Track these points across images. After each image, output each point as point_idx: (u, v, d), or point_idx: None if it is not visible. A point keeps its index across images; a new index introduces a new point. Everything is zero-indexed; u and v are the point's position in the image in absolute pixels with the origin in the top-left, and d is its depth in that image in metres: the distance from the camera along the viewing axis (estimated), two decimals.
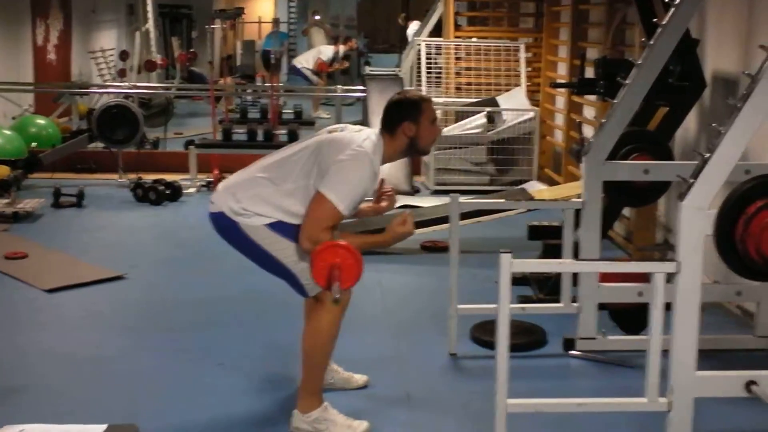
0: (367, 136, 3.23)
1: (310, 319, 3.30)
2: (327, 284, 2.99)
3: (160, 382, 3.78)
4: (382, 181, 3.39)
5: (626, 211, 5.95)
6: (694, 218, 2.69)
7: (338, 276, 2.94)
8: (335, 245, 2.99)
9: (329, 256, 2.97)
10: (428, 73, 8.98)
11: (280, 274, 3.25)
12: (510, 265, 2.73)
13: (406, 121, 3.25)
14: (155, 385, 3.74)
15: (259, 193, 3.19)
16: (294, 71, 14.71)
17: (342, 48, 14.73)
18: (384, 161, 3.27)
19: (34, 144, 8.08)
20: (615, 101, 3.99)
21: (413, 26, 13.72)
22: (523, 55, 8.87)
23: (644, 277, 3.61)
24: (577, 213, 4.08)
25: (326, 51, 14.45)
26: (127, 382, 3.77)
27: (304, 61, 14.32)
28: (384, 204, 3.47)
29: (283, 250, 3.18)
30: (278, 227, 3.18)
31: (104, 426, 2.39)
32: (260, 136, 8.14)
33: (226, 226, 3.23)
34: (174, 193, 7.46)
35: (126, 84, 10.60)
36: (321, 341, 3.25)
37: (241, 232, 3.20)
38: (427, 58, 9.00)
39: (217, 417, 3.44)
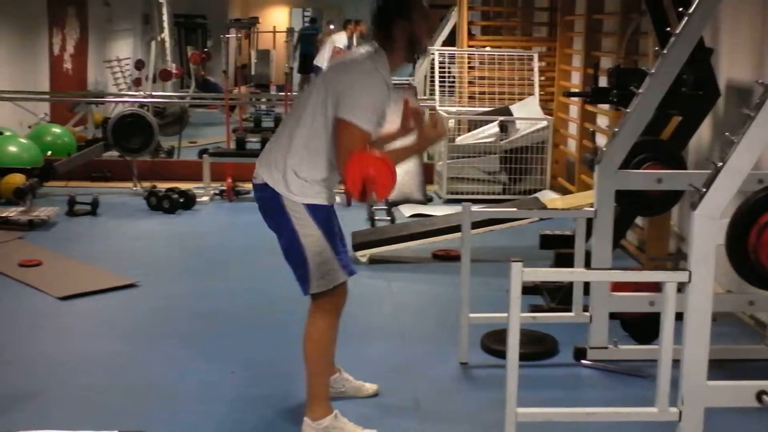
0: (367, 52, 3.19)
1: (307, 327, 3.29)
2: (361, 195, 2.96)
3: (171, 390, 3.79)
4: (406, 101, 3.32)
5: (639, 221, 5.93)
6: (707, 227, 2.67)
7: (373, 187, 2.92)
8: (368, 156, 2.96)
9: (363, 166, 2.93)
10: (441, 82, 8.99)
11: (296, 260, 3.21)
12: (521, 274, 2.73)
13: (398, 20, 3.17)
14: (166, 393, 3.75)
15: (299, 164, 3.14)
16: (317, 71, 14.74)
17: (354, 34, 14.70)
18: (393, 69, 3.20)
19: (49, 153, 8.13)
20: (628, 110, 3.98)
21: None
22: (536, 64, 8.87)
23: (656, 287, 3.60)
24: (590, 222, 4.07)
25: (340, 39, 14.46)
26: (138, 389, 3.78)
27: (323, 59, 14.34)
28: (413, 121, 3.33)
29: (310, 236, 3.16)
30: (315, 211, 3.16)
31: None
32: None
33: (268, 197, 3.20)
34: (188, 201, 7.49)
35: (141, 93, 10.65)
36: (319, 346, 3.26)
37: (281, 205, 3.17)
38: (441, 68, 9.01)
39: (228, 425, 3.44)
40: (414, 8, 3.21)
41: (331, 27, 17.40)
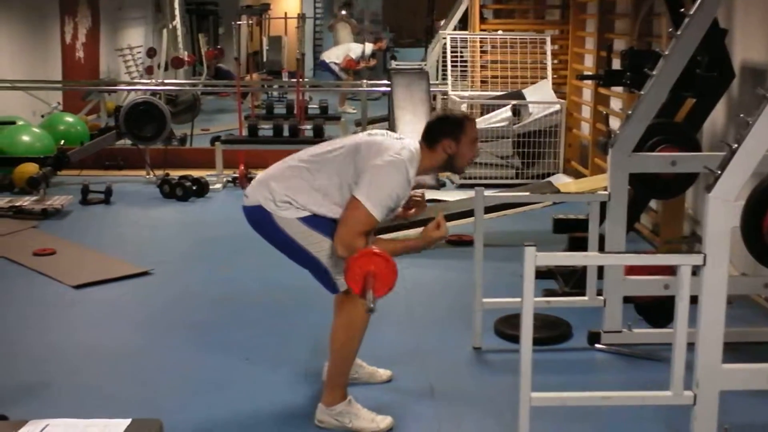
0: (406, 145, 3.23)
1: (340, 314, 3.29)
2: (362, 292, 2.96)
3: (185, 377, 3.80)
4: (413, 194, 3.40)
5: (653, 204, 5.90)
6: (721, 210, 2.65)
7: (372, 284, 2.91)
8: (371, 253, 2.96)
9: (364, 263, 2.94)
10: (453, 66, 8.95)
11: (312, 268, 3.26)
12: (534, 258, 2.72)
13: (448, 138, 3.26)
14: (180, 380, 3.76)
15: (293, 186, 3.19)
16: (323, 66, 14.72)
17: (370, 47, 14.70)
18: (419, 173, 3.27)
19: (62, 141, 8.15)
20: (642, 93, 3.95)
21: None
22: (549, 47, 8.82)
23: (670, 270, 3.58)
24: (603, 206, 4.05)
25: (356, 49, 14.43)
26: (153, 377, 3.80)
27: (334, 57, 14.31)
28: (413, 211, 3.50)
29: (316, 243, 3.19)
30: (311, 221, 3.18)
31: (128, 420, 2.39)
32: (286, 132, 8.15)
33: (260, 219, 3.24)
34: (200, 189, 7.50)
35: (153, 81, 10.65)
36: (351, 335, 3.25)
37: (275, 225, 3.21)
38: (453, 52, 8.97)
39: (242, 411, 3.45)
40: (466, 133, 3.29)
41: (343, 12, 17.33)
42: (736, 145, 2.66)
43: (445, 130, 3.27)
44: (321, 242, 3.19)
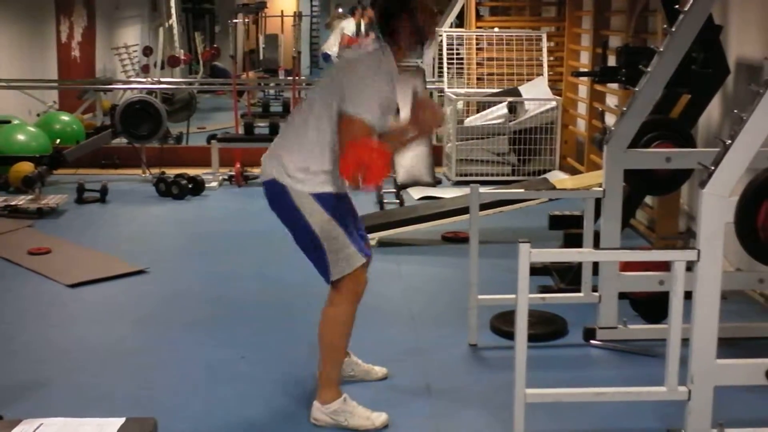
0: (369, 43, 3.23)
1: (325, 311, 3.29)
2: (351, 178, 2.99)
3: (181, 375, 3.79)
4: (415, 94, 3.33)
5: (649, 200, 5.90)
6: (715, 206, 2.66)
7: (364, 174, 2.95)
8: (364, 144, 2.99)
9: (360, 153, 2.97)
10: (450, 64, 8.95)
11: (312, 250, 3.22)
12: (529, 255, 2.72)
13: (400, 14, 3.19)
14: (176, 378, 3.76)
15: (305, 158, 3.16)
16: (325, 58, 14.70)
17: (363, 22, 14.65)
18: (399, 62, 3.21)
19: (58, 140, 8.14)
20: (637, 89, 3.95)
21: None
22: (545, 44, 8.82)
23: (665, 266, 3.58)
24: (599, 202, 4.05)
25: (348, 26, 14.41)
26: (148, 376, 3.79)
27: (332, 46, 14.29)
28: (422, 115, 3.33)
29: (322, 223, 3.16)
30: (324, 199, 3.16)
31: (123, 419, 2.39)
32: None
33: (277, 193, 3.20)
34: (196, 187, 7.50)
35: (149, 79, 10.65)
36: (338, 330, 3.26)
37: (289, 198, 3.17)
38: (449, 49, 8.97)
39: (238, 410, 3.45)
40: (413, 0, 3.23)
41: (339, 10, 17.33)
42: (729, 141, 2.66)
43: (394, 8, 3.20)
44: (326, 222, 3.16)
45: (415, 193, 7.32)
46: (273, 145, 3.30)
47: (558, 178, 7.21)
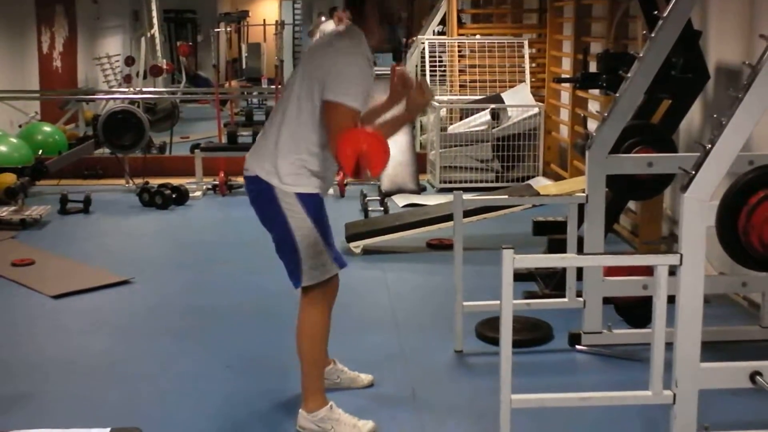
0: (339, 31, 3.22)
1: (300, 319, 3.28)
2: (355, 172, 2.94)
3: (165, 386, 3.78)
4: (393, 68, 3.32)
5: (632, 205, 5.93)
6: (697, 210, 2.67)
7: (367, 163, 2.90)
8: (359, 131, 2.97)
9: (355, 142, 2.92)
10: (432, 71, 8.97)
11: (288, 252, 3.21)
12: (512, 261, 2.73)
13: (369, 3, 3.16)
14: (161, 389, 3.75)
15: (289, 154, 3.14)
16: None
17: (341, 25, 14.68)
18: (374, 45, 3.18)
19: (40, 151, 8.10)
20: (617, 95, 3.98)
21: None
22: (527, 51, 8.86)
23: (649, 271, 3.60)
24: (582, 208, 4.07)
25: (328, 27, 14.44)
26: (133, 386, 3.78)
27: None
28: (400, 89, 3.32)
29: (302, 228, 3.15)
30: (307, 200, 3.15)
31: (107, 429, 2.38)
32: None
33: (261, 190, 3.19)
34: (180, 197, 7.47)
35: (131, 89, 10.61)
36: (312, 339, 3.26)
37: (273, 196, 3.15)
38: (431, 57, 8.99)
39: (223, 419, 3.44)
40: None
41: (322, 19, 17.33)
42: (710, 146, 2.68)
43: None
44: (305, 226, 3.15)
45: (400, 201, 7.33)
46: (257, 143, 3.28)
47: (541, 184, 7.24)
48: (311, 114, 3.13)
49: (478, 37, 9.46)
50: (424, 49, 9.03)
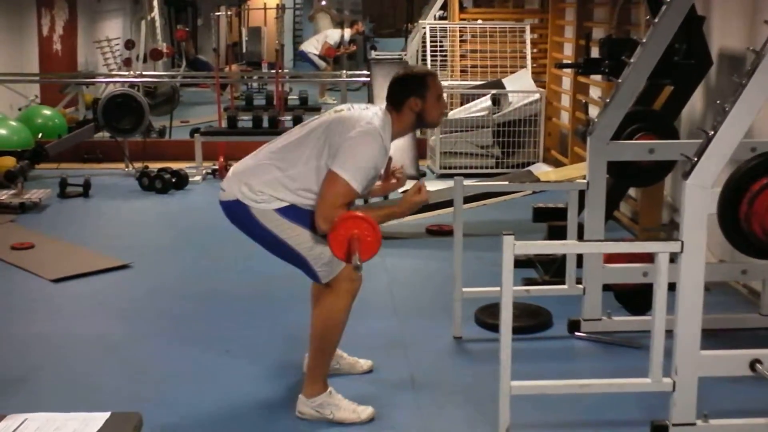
0: (375, 113, 3.22)
1: (321, 305, 3.28)
2: (346, 256, 2.97)
3: (165, 370, 3.78)
4: (390, 159, 3.36)
5: (633, 192, 5.92)
6: (698, 197, 2.67)
7: (358, 247, 2.91)
8: (353, 216, 2.98)
9: (348, 227, 2.94)
10: (433, 56, 8.94)
11: (293, 260, 3.24)
12: (513, 247, 2.72)
13: (413, 96, 3.23)
14: (160, 373, 3.75)
15: (271, 179, 3.17)
16: (302, 56, 14.69)
17: (348, 32, 14.68)
18: (393, 137, 3.25)
19: (40, 135, 8.08)
20: (619, 80, 3.96)
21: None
22: (528, 36, 8.82)
23: (649, 258, 3.59)
24: (582, 194, 4.05)
25: (333, 35, 14.41)
26: (133, 370, 3.78)
27: (312, 47, 14.30)
28: (394, 182, 3.46)
29: (295, 236, 3.17)
30: (290, 213, 3.16)
31: (108, 414, 2.37)
32: (266, 123, 8.12)
33: (238, 213, 3.22)
34: (180, 181, 7.46)
35: (131, 73, 10.58)
36: (332, 327, 3.24)
37: (253, 218, 3.18)
38: (432, 42, 8.96)
39: (222, 403, 3.44)
40: (430, 88, 3.26)
41: (323, 3, 17.28)
42: (712, 132, 2.67)
43: (409, 89, 3.24)
44: (300, 234, 3.17)
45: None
46: (240, 170, 3.26)
47: (542, 170, 7.22)
48: (316, 171, 3.15)
49: (479, 21, 9.42)
50: (425, 33, 8.98)
